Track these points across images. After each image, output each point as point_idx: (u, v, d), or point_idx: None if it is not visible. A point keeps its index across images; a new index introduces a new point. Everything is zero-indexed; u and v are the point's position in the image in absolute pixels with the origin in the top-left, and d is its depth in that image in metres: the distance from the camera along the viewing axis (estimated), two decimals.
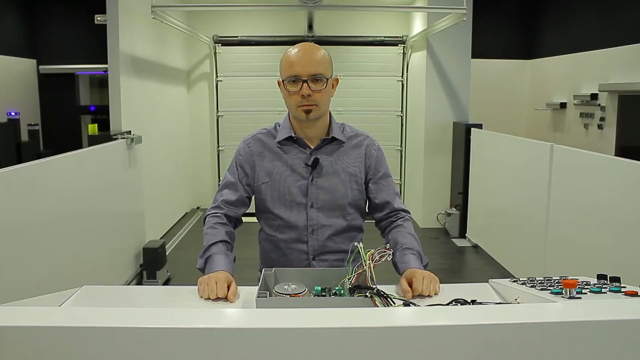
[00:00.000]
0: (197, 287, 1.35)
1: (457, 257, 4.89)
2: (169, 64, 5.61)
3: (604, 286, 1.16)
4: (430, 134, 5.59)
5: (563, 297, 1.07)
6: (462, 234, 5.26)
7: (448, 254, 4.96)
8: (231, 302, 1.30)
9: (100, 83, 6.55)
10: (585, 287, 1.16)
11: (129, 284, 3.78)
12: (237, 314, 0.94)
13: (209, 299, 1.30)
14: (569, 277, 1.29)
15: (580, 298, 1.05)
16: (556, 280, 1.27)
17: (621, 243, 2.72)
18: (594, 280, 1.28)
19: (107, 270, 3.49)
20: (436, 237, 5.38)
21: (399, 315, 0.91)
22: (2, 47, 5.73)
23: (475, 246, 4.98)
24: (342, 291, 1.22)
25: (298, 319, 0.89)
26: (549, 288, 1.16)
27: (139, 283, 3.93)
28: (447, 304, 1.12)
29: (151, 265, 3.93)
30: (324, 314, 0.90)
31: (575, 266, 3.12)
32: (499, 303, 1.14)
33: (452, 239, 5.30)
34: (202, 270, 1.45)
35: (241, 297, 1.34)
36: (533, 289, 1.18)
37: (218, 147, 6.43)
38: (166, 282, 4.03)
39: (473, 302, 1.11)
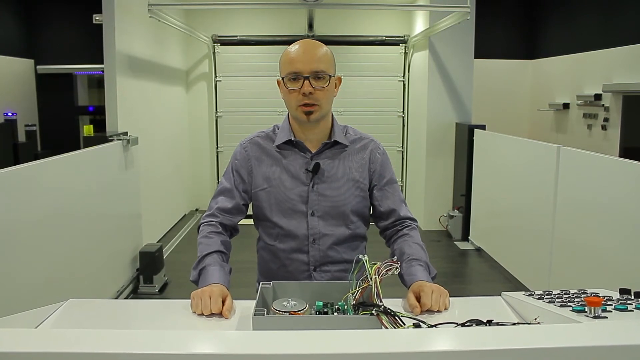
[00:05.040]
0: (190, 301, 1.27)
1: (460, 261, 4.81)
2: (167, 64, 5.53)
3: (628, 302, 1.08)
4: (432, 135, 5.50)
5: (587, 315, 0.98)
6: (465, 236, 5.18)
7: (450, 257, 4.87)
8: (226, 318, 1.21)
9: (99, 83, 6.49)
10: (609, 302, 1.08)
11: (125, 289, 3.70)
12: (231, 338, 0.85)
13: (202, 314, 1.22)
14: (589, 292, 1.20)
15: (606, 317, 0.97)
16: (575, 294, 1.19)
17: (629, 247, 2.66)
18: (614, 294, 1.19)
19: (103, 274, 3.41)
20: (438, 240, 5.29)
21: (411, 339, 0.82)
22: (0, 47, 5.65)
23: (479, 249, 4.90)
24: (345, 307, 1.13)
25: (298, 343, 0.80)
26: (569, 304, 1.08)
27: (136, 288, 3.85)
28: (462, 325, 1.03)
29: (148, 270, 3.85)
30: (327, 338, 0.81)
31: (581, 270, 3.05)
32: (517, 323, 1.05)
33: (455, 242, 5.21)
34: (196, 283, 1.36)
35: (237, 312, 1.26)
36: (552, 304, 1.09)
37: (217, 148, 6.36)
38: (163, 287, 3.95)
39: (489, 322, 1.02)
